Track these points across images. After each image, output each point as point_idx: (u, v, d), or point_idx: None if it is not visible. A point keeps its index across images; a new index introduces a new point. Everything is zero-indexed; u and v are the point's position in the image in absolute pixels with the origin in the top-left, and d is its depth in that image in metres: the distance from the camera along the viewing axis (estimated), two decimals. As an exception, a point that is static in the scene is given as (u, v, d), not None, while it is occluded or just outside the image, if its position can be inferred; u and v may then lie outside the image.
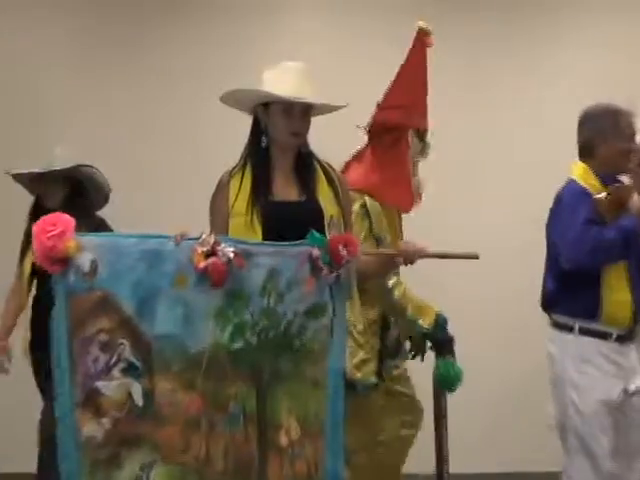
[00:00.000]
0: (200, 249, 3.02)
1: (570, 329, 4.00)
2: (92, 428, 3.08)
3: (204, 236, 3.05)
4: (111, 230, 4.61)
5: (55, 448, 3.06)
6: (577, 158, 4.15)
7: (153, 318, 3.06)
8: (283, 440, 3.11)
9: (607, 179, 4.02)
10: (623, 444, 4.01)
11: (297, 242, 3.09)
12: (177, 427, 3.07)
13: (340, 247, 3.03)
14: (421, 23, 4.00)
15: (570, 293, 4.00)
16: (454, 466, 4.62)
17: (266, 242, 3.14)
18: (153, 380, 3.07)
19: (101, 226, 4.65)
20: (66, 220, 3.02)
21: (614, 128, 4.02)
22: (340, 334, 3.16)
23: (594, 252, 3.85)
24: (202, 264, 3.01)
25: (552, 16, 6.38)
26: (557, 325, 4.08)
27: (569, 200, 4.00)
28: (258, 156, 3.33)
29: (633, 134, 4.05)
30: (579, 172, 4.08)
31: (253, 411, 3.09)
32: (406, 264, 3.20)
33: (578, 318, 3.99)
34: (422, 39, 4.01)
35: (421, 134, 4.15)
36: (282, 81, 3.26)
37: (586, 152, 4.11)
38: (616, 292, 3.97)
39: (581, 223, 3.87)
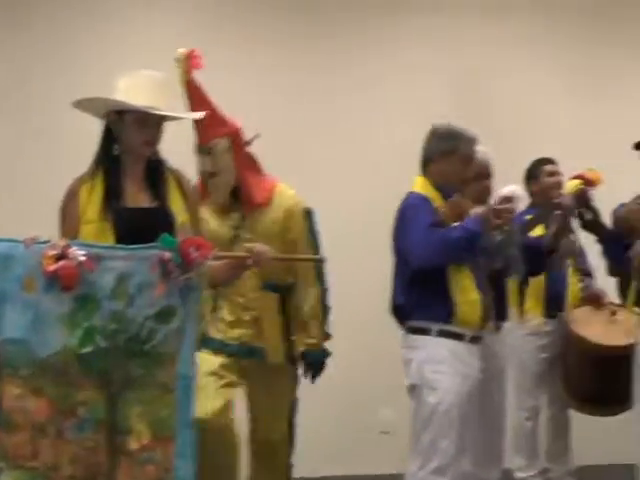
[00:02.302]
0: (50, 252, 3.00)
1: (427, 332, 4.12)
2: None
3: (54, 240, 3.05)
4: None
5: None
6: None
7: (1, 322, 3.03)
8: (133, 445, 3.10)
9: (445, 191, 4.25)
10: (472, 442, 4.21)
11: (148, 245, 3.09)
12: (25, 433, 3.04)
13: (191, 249, 3.06)
14: (179, 52, 4.12)
15: (423, 299, 4.12)
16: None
17: (117, 245, 3.15)
18: (1, 385, 3.04)
19: None
20: None
21: (451, 149, 4.25)
22: (190, 338, 3.17)
23: (442, 251, 4.03)
24: (52, 267, 2.99)
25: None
26: (414, 330, 4.18)
27: (412, 207, 4.17)
28: (110, 163, 3.34)
29: (469, 159, 4.31)
30: (419, 184, 4.28)
31: (103, 417, 3.08)
32: (256, 266, 3.26)
33: (434, 322, 4.12)
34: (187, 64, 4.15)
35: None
36: (137, 90, 3.28)
37: (425, 167, 4.32)
38: (466, 293, 4.14)
39: (427, 225, 4.04)
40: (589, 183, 4.86)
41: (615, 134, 6.01)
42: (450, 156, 4.25)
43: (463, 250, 4.09)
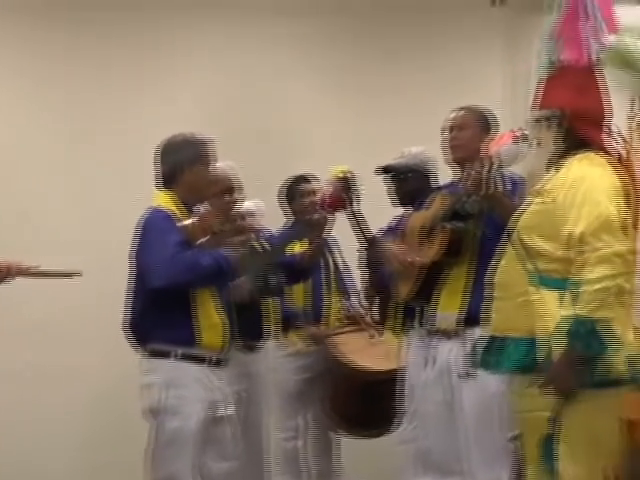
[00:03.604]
0: None
1: (168, 356, 4.04)
2: None
3: None
4: None
5: None
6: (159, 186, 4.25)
7: None
8: None
9: (192, 204, 4.18)
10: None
11: None
12: None
13: None
14: None
15: (164, 321, 4.03)
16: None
17: None
18: None
19: None
20: None
21: (197, 156, 4.18)
22: None
23: (189, 272, 3.94)
24: None
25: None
26: (155, 354, 4.08)
27: (157, 225, 4.06)
28: None
29: (212, 162, 4.25)
30: (163, 200, 4.17)
31: None
32: (2, 280, 3.12)
33: (176, 345, 4.04)
34: None
35: None
36: None
37: (170, 180, 4.20)
38: (209, 317, 4.08)
39: (174, 244, 3.95)
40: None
41: (379, 148, 5.92)
42: (197, 163, 4.18)
43: (210, 278, 4.05)
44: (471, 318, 4.06)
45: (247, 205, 4.73)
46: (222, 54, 6.56)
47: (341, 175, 4.80)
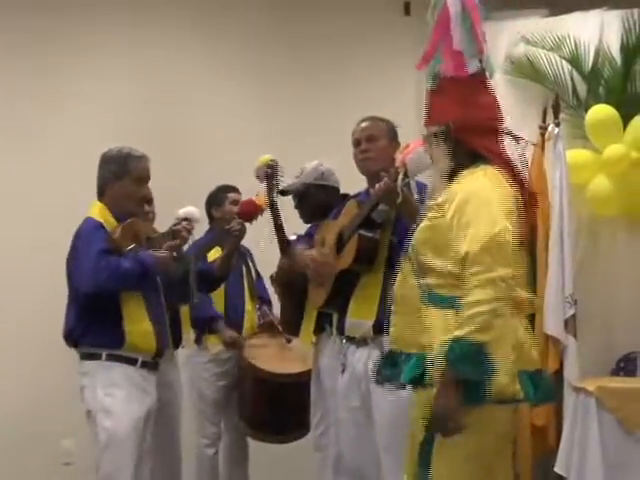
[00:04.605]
0: None
1: (98, 357, 4.13)
2: None
3: None
4: None
5: None
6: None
7: None
8: None
9: (121, 217, 4.25)
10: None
11: None
12: None
13: None
14: None
15: (94, 325, 4.14)
16: None
17: None
18: None
19: None
20: None
21: (122, 172, 4.26)
22: None
23: (111, 278, 4.03)
24: None
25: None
26: (85, 356, 4.18)
27: (85, 234, 4.19)
28: None
29: (143, 177, 4.33)
30: (96, 210, 4.27)
31: None
32: None
33: (105, 348, 4.13)
34: None
35: None
36: None
37: (101, 192, 4.33)
38: (137, 323, 4.17)
39: (97, 252, 4.05)
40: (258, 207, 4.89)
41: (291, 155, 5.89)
42: (122, 178, 4.26)
43: (133, 281, 4.12)
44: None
45: (190, 210, 4.73)
46: (134, 60, 6.54)
47: (271, 162, 4.75)
